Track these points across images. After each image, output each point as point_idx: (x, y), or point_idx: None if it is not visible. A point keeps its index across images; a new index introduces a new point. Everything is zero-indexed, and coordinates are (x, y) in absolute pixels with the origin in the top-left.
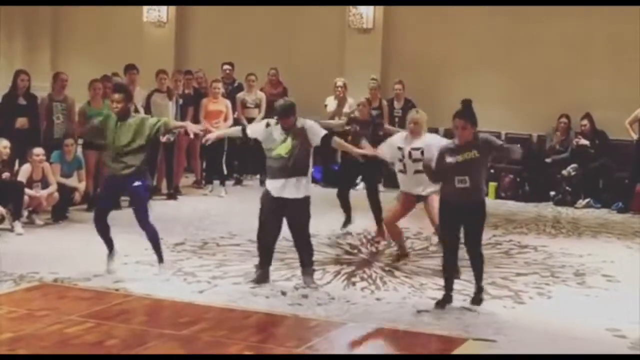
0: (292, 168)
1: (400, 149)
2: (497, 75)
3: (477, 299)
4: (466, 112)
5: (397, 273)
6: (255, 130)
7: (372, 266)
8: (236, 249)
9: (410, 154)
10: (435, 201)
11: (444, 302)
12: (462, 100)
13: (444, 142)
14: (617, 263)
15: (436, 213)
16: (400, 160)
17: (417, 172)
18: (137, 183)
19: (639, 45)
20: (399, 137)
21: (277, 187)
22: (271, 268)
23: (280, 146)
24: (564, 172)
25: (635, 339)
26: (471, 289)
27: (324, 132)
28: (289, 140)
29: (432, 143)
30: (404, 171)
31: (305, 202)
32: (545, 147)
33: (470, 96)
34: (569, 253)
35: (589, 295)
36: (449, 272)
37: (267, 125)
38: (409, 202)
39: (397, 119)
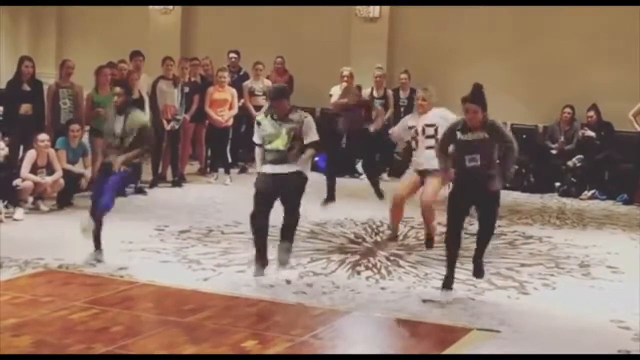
0: (290, 156)
1: (411, 127)
2: (503, 65)
3: (478, 271)
4: (478, 98)
5: (401, 262)
6: (256, 136)
7: (377, 255)
8: (241, 237)
9: (423, 130)
10: (432, 183)
11: (448, 283)
12: (474, 84)
13: (454, 117)
14: (622, 255)
15: (428, 188)
16: (413, 138)
17: (428, 147)
18: (128, 169)
19: None
20: (409, 117)
21: (270, 167)
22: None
23: (276, 140)
24: (569, 163)
25: (639, 330)
26: (476, 278)
27: (315, 137)
28: (284, 133)
29: (446, 117)
30: (415, 148)
31: (300, 176)
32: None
33: None
34: (573, 244)
35: (593, 286)
36: (450, 253)
37: (258, 123)
38: (414, 179)
39: (402, 109)
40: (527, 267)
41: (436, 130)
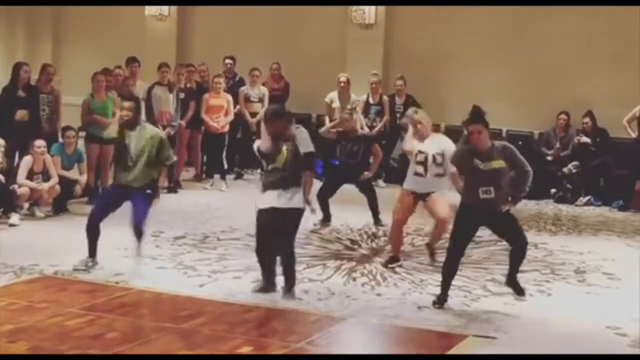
0: (287, 179)
1: (422, 152)
2: (498, 71)
3: (518, 289)
4: (478, 117)
5: (397, 269)
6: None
7: (373, 262)
8: (237, 243)
9: (434, 158)
10: (439, 200)
11: (441, 301)
12: (473, 106)
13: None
14: (618, 261)
15: (440, 206)
16: (422, 164)
17: (437, 175)
18: (147, 191)
19: None
20: (416, 140)
21: (269, 199)
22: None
23: (276, 160)
24: (565, 169)
25: (635, 336)
26: (472, 285)
27: (310, 148)
28: (283, 150)
29: (450, 147)
30: (423, 174)
31: (298, 212)
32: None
33: (472, 92)
34: (569, 250)
35: (589, 292)
36: (449, 275)
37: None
38: (411, 201)
39: (398, 115)
40: (523, 274)
41: (443, 157)
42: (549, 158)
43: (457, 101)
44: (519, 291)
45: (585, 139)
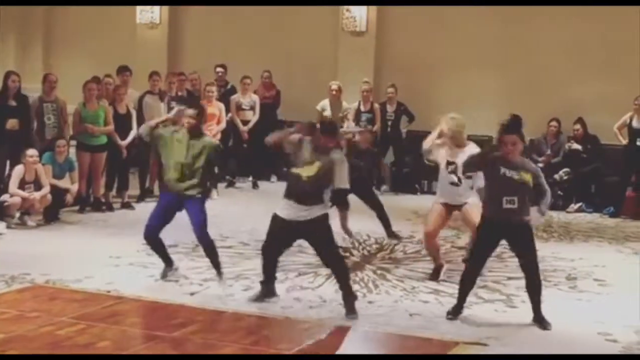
0: (308, 194)
1: (451, 163)
2: (490, 78)
3: (541, 324)
4: (517, 128)
5: (389, 276)
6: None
7: (364, 269)
8: (228, 251)
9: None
10: (474, 209)
11: (455, 313)
12: (512, 115)
13: None
14: (609, 267)
15: (474, 215)
16: (454, 173)
17: (470, 187)
18: (198, 196)
19: (632, 50)
20: (446, 147)
21: (288, 209)
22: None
23: (304, 167)
24: (556, 176)
25: (626, 343)
26: None
27: (345, 185)
28: (316, 164)
29: None
30: (458, 183)
31: (323, 218)
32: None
33: (463, 99)
34: (560, 257)
35: (580, 299)
36: (466, 287)
37: (300, 140)
38: (448, 213)
39: (389, 123)
40: (514, 280)
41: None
42: (540, 165)
43: (448, 108)
44: (544, 326)
45: (576, 146)
